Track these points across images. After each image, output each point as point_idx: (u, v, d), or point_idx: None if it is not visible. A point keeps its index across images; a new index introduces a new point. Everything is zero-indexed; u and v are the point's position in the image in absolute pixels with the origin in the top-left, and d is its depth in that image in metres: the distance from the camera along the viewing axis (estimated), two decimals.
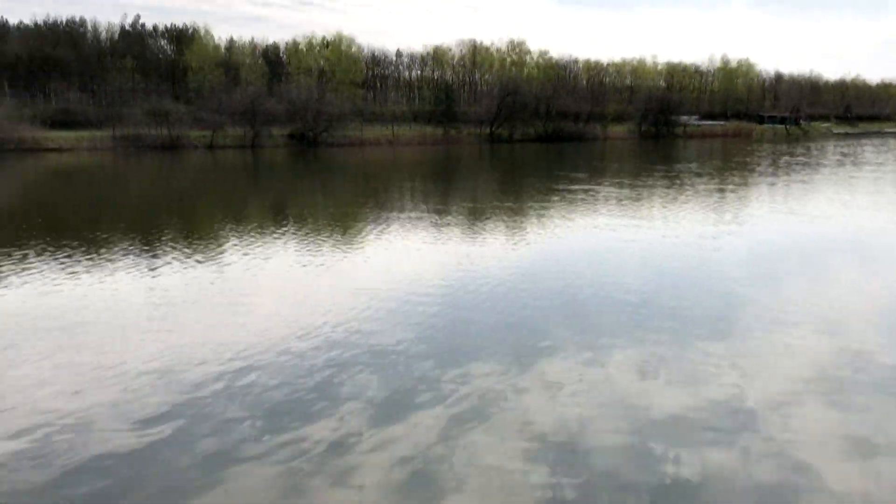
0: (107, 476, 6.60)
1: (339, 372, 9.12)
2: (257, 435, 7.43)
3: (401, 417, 7.83)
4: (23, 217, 25.89)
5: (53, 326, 10.94)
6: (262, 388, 8.62)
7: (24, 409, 7.95)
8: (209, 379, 8.85)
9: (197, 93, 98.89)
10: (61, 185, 40.47)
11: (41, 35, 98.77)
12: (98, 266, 15.47)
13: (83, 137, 78.82)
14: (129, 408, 7.97)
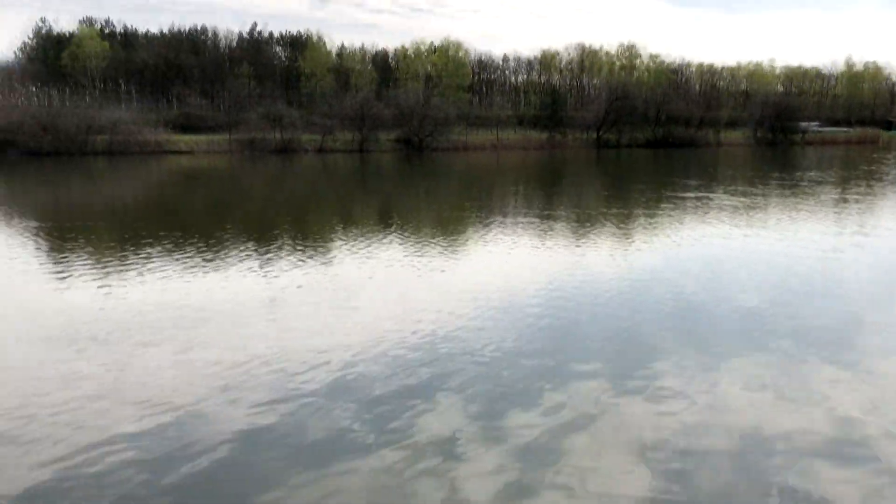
0: (215, 465, 6.78)
1: (441, 373, 9.10)
2: (360, 431, 7.48)
3: (502, 421, 7.73)
4: (147, 216, 27.30)
5: (175, 322, 11.41)
6: (368, 385, 8.69)
7: (144, 397, 8.29)
8: (319, 375, 9.01)
9: (309, 98, 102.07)
10: (182, 187, 42.51)
11: (167, 43, 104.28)
12: (216, 264, 16.08)
13: (202, 141, 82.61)
14: (243, 400, 8.19)
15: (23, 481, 6.41)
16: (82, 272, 15.01)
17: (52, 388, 8.45)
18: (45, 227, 22.63)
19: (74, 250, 17.85)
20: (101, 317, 11.52)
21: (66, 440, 7.16)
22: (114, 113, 79.38)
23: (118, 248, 18.38)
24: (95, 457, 6.85)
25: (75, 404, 8.01)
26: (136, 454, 6.93)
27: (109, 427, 7.45)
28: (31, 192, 38.23)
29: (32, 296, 13.14)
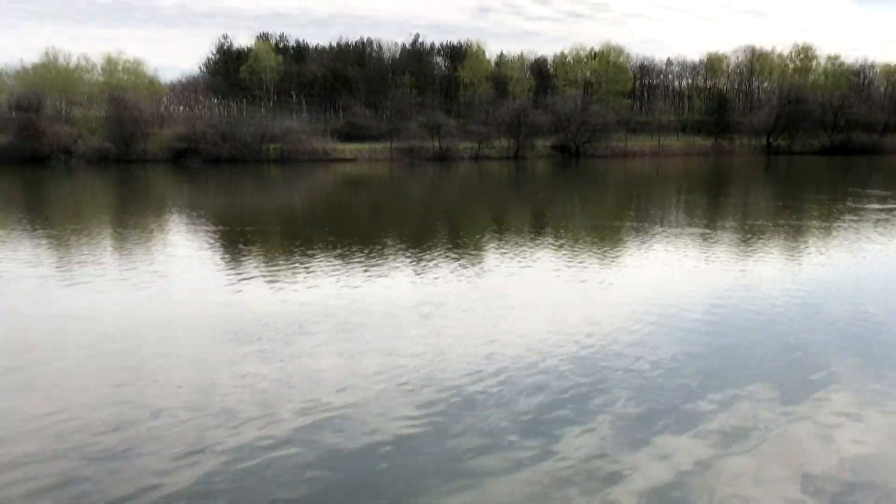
0: (370, 464, 6.95)
1: (593, 386, 8.90)
2: (511, 440, 7.44)
3: (656, 438, 7.43)
4: (314, 221, 28.69)
5: (337, 323, 11.88)
6: (519, 394, 8.64)
7: (307, 395, 8.66)
8: (472, 382, 9.06)
9: (467, 106, 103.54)
10: (346, 193, 44.34)
11: (335, 56, 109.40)
12: (377, 268, 16.62)
13: (365, 149, 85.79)
14: (399, 403, 8.38)
15: (191, 472, 6.85)
16: (256, 273, 15.96)
17: (226, 382, 9.00)
18: (224, 231, 24.29)
19: (249, 253, 19.02)
20: (272, 316, 12.19)
21: (236, 432, 7.59)
22: (285, 123, 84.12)
23: (288, 251, 19.40)
24: (260, 448, 7.21)
25: (245, 398, 8.49)
26: (295, 450, 7.24)
27: (274, 422, 7.83)
28: (212, 197, 41.20)
29: (213, 295, 14.11)
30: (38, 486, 6.42)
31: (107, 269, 16.42)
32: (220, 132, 78.81)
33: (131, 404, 8.24)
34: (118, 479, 6.56)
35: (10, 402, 8.36)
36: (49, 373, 9.36)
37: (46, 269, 16.52)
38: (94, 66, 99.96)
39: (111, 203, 38.09)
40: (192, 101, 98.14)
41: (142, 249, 19.84)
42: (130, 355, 10.06)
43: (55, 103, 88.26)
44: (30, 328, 11.57)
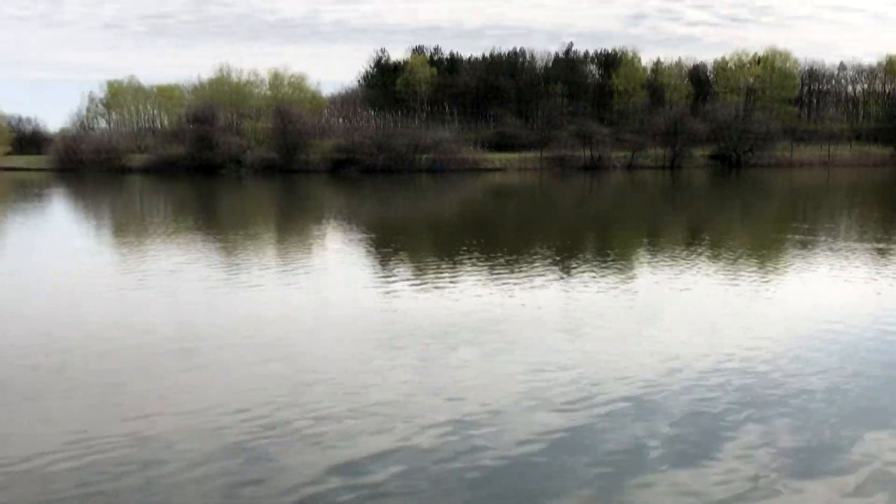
0: (508, 467, 6.82)
1: (746, 407, 8.32)
2: (655, 450, 7.10)
3: (807, 467, 6.82)
4: (462, 229, 29.01)
5: (482, 328, 11.87)
6: (666, 407, 8.24)
7: (449, 397, 8.67)
8: (617, 391, 8.77)
9: (620, 114, 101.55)
10: (494, 202, 44.58)
11: (487, 66, 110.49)
12: (521, 276, 16.52)
13: (514, 158, 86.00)
14: (541, 407, 8.21)
15: (341, 475, 6.99)
16: (406, 281, 16.27)
17: (377, 386, 9.17)
18: (378, 238, 25.04)
19: (401, 260, 19.46)
20: (420, 323, 12.35)
21: (381, 430, 7.70)
22: (437, 133, 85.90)
23: (438, 260, 19.68)
24: (405, 456, 7.26)
25: (394, 403, 8.60)
26: (440, 458, 7.22)
27: (418, 424, 7.87)
28: (367, 205, 42.64)
29: (366, 301, 14.50)
30: (200, 475, 6.76)
31: (269, 273, 17.29)
32: (375, 143, 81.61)
33: (286, 404, 8.55)
34: (275, 478, 6.79)
35: (177, 394, 8.90)
36: (213, 370, 9.90)
37: (215, 271, 17.62)
38: (262, 81, 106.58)
39: (275, 210, 40.25)
40: (351, 113, 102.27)
41: (301, 254, 20.78)
42: (287, 354, 10.48)
43: (227, 116, 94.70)
44: (198, 325, 12.32)
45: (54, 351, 10.70)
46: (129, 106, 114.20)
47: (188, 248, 21.90)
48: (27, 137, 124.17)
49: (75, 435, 7.63)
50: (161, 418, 8.11)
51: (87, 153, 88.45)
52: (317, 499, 6.40)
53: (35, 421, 8.07)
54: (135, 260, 20.05)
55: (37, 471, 6.84)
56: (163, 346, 11.04)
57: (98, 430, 7.77)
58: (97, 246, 23.80)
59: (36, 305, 14.09)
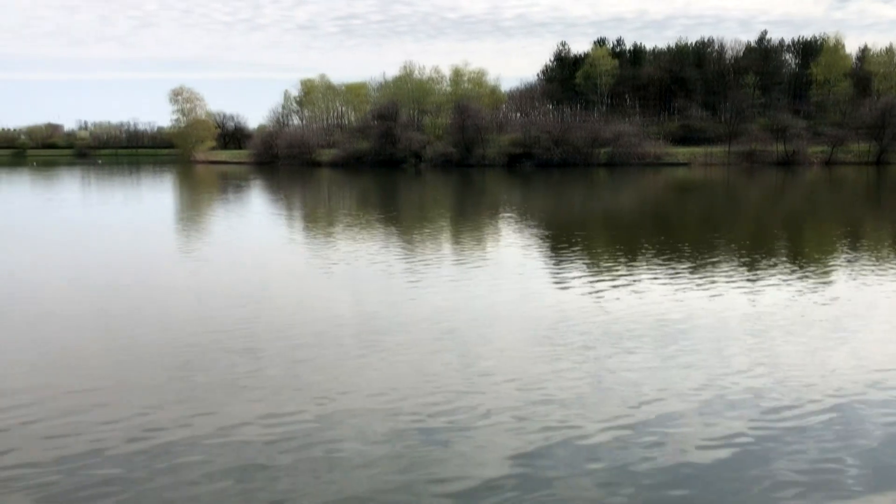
0: (677, 474, 6.42)
1: None
2: (847, 471, 6.41)
3: None
4: (639, 226, 28.09)
5: (657, 331, 11.38)
6: (865, 430, 7.43)
7: (622, 399, 8.33)
8: (800, 405, 8.04)
9: (818, 106, 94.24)
10: (676, 198, 42.83)
11: (672, 57, 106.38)
12: (702, 277, 15.70)
13: (699, 153, 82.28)
14: (716, 420, 7.69)
15: (496, 467, 6.90)
16: (580, 278, 15.95)
17: (543, 383, 9.01)
18: (552, 234, 24.80)
19: (575, 257, 19.11)
20: (590, 320, 12.03)
21: (552, 426, 7.52)
22: (617, 126, 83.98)
23: (613, 257, 19.16)
24: (574, 446, 7.05)
25: (563, 397, 8.40)
26: (609, 449, 6.94)
27: (590, 422, 7.62)
28: (542, 200, 42.40)
29: (537, 295, 14.35)
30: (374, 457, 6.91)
31: (446, 265, 17.59)
32: (552, 137, 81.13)
33: (460, 392, 8.59)
34: (449, 461, 6.82)
35: (352, 377, 9.20)
36: (392, 356, 10.16)
37: (395, 261, 18.17)
38: (443, 78, 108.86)
39: (452, 204, 41.01)
40: (529, 107, 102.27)
41: (477, 248, 20.97)
42: (463, 345, 10.56)
43: (409, 112, 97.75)
44: (377, 312, 12.71)
45: (246, 332, 11.42)
46: (320, 103, 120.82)
47: (370, 238, 22.76)
48: (230, 133, 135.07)
49: (266, 409, 8.09)
50: (342, 398, 8.41)
51: (281, 148, 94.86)
52: (490, 485, 6.37)
53: (230, 397, 8.62)
54: (322, 248, 21.10)
55: (233, 440, 7.29)
56: (345, 331, 11.49)
57: (285, 406, 8.18)
58: (289, 234, 25.31)
59: (232, 287, 15.15)
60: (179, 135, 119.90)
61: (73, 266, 17.98)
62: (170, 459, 6.88)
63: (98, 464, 6.79)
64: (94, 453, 7.01)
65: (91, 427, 7.61)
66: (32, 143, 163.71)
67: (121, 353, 10.34)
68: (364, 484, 6.41)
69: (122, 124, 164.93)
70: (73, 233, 25.48)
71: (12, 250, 20.89)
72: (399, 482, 6.46)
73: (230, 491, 6.29)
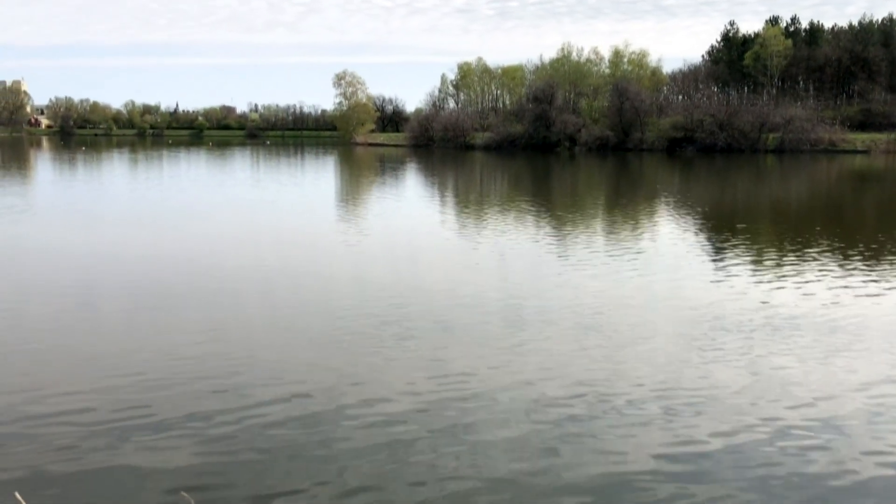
0: (749, 482, 5.99)
1: None
2: None
3: None
4: (810, 217, 26.37)
5: (815, 330, 10.65)
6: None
7: (770, 408, 7.89)
8: None
9: None
10: (852, 189, 39.84)
11: (854, 36, 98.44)
12: (877, 273, 14.52)
13: (879, 139, 75.92)
14: (885, 422, 7.10)
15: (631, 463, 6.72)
16: (738, 270, 15.17)
17: (691, 380, 8.68)
18: (712, 223, 23.78)
19: (735, 248, 18.21)
20: (748, 315, 11.43)
21: (698, 424, 7.24)
22: (788, 111, 78.90)
23: (776, 249, 18.10)
24: (722, 445, 6.76)
25: (711, 394, 8.06)
26: (758, 451, 6.59)
27: (739, 422, 7.26)
28: (703, 187, 40.68)
29: (688, 286, 13.80)
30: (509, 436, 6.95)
31: (595, 253, 17.27)
32: (717, 121, 77.53)
33: (600, 379, 8.45)
34: (585, 446, 6.75)
35: (495, 361, 9.27)
36: (534, 341, 10.14)
37: (544, 246, 18.09)
38: (602, 59, 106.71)
39: (606, 189, 40.20)
40: (692, 89, 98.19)
41: (629, 236, 20.45)
42: (606, 334, 10.37)
43: (565, 95, 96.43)
44: (525, 298, 12.70)
45: (397, 312, 11.75)
46: (476, 87, 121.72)
47: (520, 222, 22.73)
48: (388, 116, 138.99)
49: (406, 385, 8.32)
50: (485, 382, 8.49)
51: (436, 131, 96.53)
52: (635, 480, 6.21)
53: (379, 372, 8.93)
54: (472, 233, 21.32)
55: (374, 413, 7.55)
56: (490, 311, 11.57)
57: (431, 383, 8.37)
58: (441, 217, 25.77)
59: (385, 268, 15.63)
60: (341, 117, 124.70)
61: (245, 247, 19.10)
62: (316, 427, 7.21)
63: (251, 428, 7.21)
64: (252, 416, 7.46)
65: (245, 393, 8.09)
66: (209, 123, 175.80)
67: (282, 329, 10.93)
68: (503, 467, 6.44)
69: (288, 107, 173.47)
70: (246, 214, 27.12)
71: (188, 229, 22.54)
72: (539, 467, 6.44)
73: (378, 461, 6.50)
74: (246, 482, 6.16)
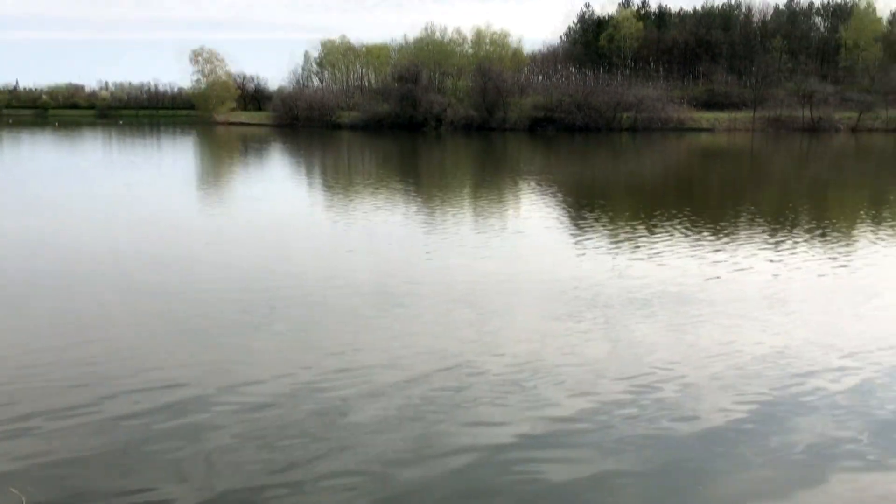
0: (684, 445, 6.47)
1: None
2: (862, 445, 6.39)
3: None
4: (661, 193, 27.89)
5: (668, 299, 11.34)
6: (875, 400, 7.40)
7: (635, 370, 8.36)
8: (810, 378, 7.97)
9: (847, 71, 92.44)
10: (699, 165, 42.41)
11: (698, 20, 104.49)
12: (721, 246, 15.58)
13: (724, 118, 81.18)
14: (731, 388, 7.70)
15: (518, 428, 6.98)
16: (597, 245, 15.87)
17: (554, 347, 9.06)
18: (571, 200, 24.70)
19: (594, 223, 19.02)
20: (608, 286, 12.01)
21: (567, 392, 7.58)
22: (641, 91, 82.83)
23: (632, 224, 19.04)
24: (567, 415, 7.11)
25: (572, 366, 8.44)
26: (619, 414, 6.99)
27: (599, 392, 7.66)
28: (563, 165, 42.13)
29: (548, 259, 14.36)
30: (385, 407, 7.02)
31: (462, 231, 17.57)
32: (575, 101, 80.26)
33: (471, 359, 8.65)
34: (457, 425, 6.91)
35: (364, 338, 9.30)
36: (406, 320, 10.24)
37: (413, 225, 18.23)
38: (465, 39, 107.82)
39: (473, 168, 40.88)
40: (552, 70, 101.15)
41: (495, 213, 20.93)
42: (476, 311, 10.60)
43: (430, 74, 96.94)
44: (394, 277, 12.78)
45: (264, 295, 11.52)
46: (340, 65, 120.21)
47: (389, 202, 22.76)
48: (250, 94, 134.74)
49: (275, 369, 8.19)
50: (355, 359, 8.49)
51: (302, 109, 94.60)
52: (504, 444, 6.41)
53: (246, 356, 8.74)
54: (340, 212, 21.15)
55: (242, 400, 7.41)
56: (361, 294, 11.56)
57: (301, 365, 8.28)
58: (308, 198, 25.40)
59: (251, 250, 15.26)
60: (200, 96, 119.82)
61: (99, 232, 18.12)
62: (182, 417, 7.00)
63: (108, 421, 6.91)
64: (102, 409, 7.14)
65: (103, 384, 7.73)
66: (54, 102, 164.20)
67: (143, 317, 10.48)
68: (375, 444, 6.49)
69: (142, 85, 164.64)
70: (98, 198, 25.65)
71: (42, 214, 21.13)
72: (410, 441, 6.54)
73: (248, 448, 6.40)
74: (97, 478, 5.90)
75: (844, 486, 5.92)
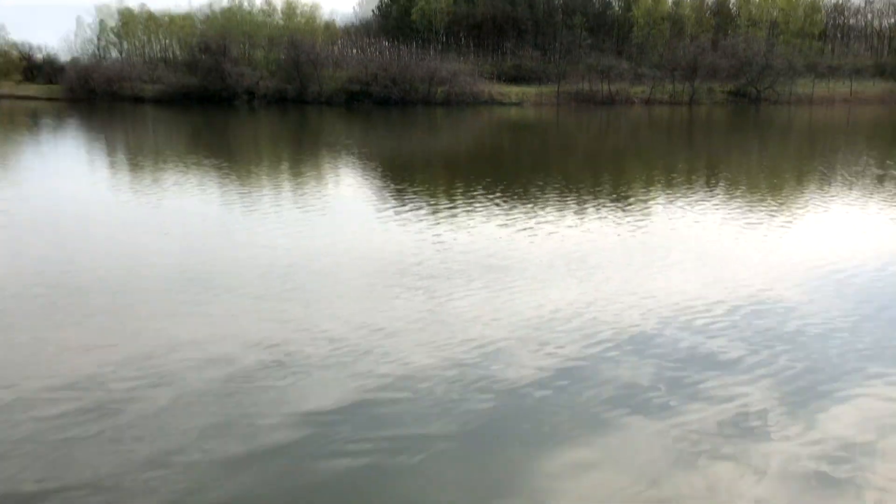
0: (473, 412, 6.92)
1: (748, 346, 8.33)
2: (654, 392, 7.14)
3: (813, 404, 6.88)
4: (475, 163, 28.84)
5: (485, 267, 11.88)
6: (666, 347, 8.26)
7: (454, 337, 8.75)
8: (614, 334, 8.75)
9: (639, 48, 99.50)
10: (509, 136, 44.17)
11: None
12: (532, 213, 16.46)
13: (531, 92, 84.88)
14: (535, 348, 8.27)
15: (335, 397, 7.12)
16: (414, 215, 16.24)
17: (375, 321, 9.26)
18: (387, 172, 24.97)
19: (410, 194, 19.40)
20: (426, 257, 12.38)
21: (386, 361, 7.80)
22: (453, 65, 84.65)
23: (448, 194, 19.61)
24: (386, 384, 7.37)
25: (394, 338, 8.68)
26: (440, 381, 7.34)
27: (416, 361, 7.96)
28: (378, 138, 42.34)
29: (368, 234, 14.55)
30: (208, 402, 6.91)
31: (280, 207, 17.32)
32: (390, 75, 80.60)
33: (294, 338, 8.65)
34: (279, 409, 6.93)
35: (181, 326, 9.04)
36: (224, 303, 10.02)
37: (226, 204, 17.71)
38: (275, 11, 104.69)
39: (287, 143, 40.10)
40: (366, 44, 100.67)
41: (312, 188, 20.76)
42: (298, 288, 10.56)
43: (240, 46, 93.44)
44: (209, 259, 12.42)
45: (64, 283, 10.82)
46: (141, 35, 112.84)
47: (202, 180, 21.92)
48: (38, 66, 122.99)
49: (73, 372, 7.79)
50: (171, 348, 8.24)
51: (99, 83, 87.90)
52: (322, 419, 6.53)
53: (42, 351, 8.22)
54: (147, 192, 20.09)
55: (26, 405, 7.00)
56: (174, 278, 11.15)
57: (107, 358, 7.92)
58: (110, 177, 23.88)
59: (46, 236, 14.21)
60: None
61: None
62: None
63: None
64: None
65: None
66: None
67: None
68: (189, 440, 6.42)
69: None
70: None
71: None
72: (221, 427, 6.52)
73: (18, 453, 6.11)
74: None
75: (643, 431, 6.59)
